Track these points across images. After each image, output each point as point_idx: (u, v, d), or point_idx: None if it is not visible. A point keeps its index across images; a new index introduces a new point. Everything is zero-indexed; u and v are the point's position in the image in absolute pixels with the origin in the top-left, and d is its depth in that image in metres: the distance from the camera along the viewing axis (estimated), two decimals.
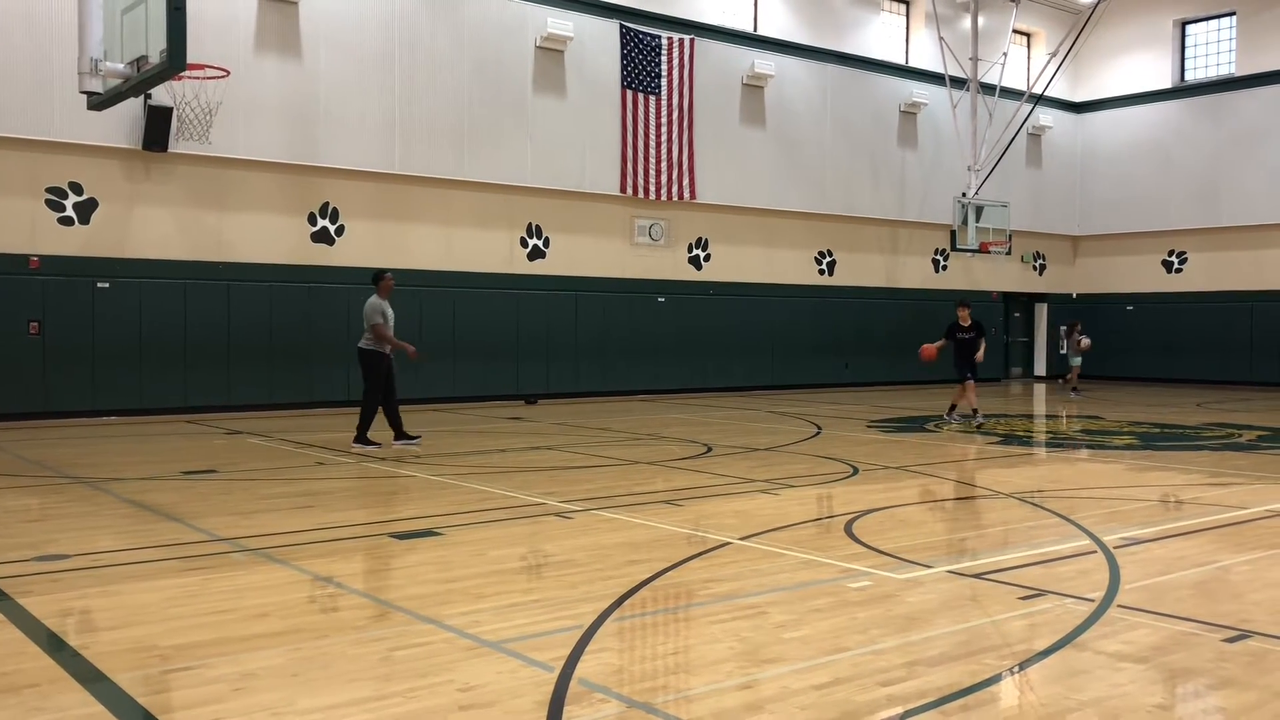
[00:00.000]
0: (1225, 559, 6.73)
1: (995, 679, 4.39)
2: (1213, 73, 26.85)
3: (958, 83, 25.20)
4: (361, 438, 12.37)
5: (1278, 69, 25.20)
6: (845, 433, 14.72)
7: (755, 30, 23.16)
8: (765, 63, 22.71)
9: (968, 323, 15.51)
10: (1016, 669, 4.53)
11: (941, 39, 24.91)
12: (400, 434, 12.61)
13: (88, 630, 5.16)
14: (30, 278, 15.41)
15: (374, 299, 12.50)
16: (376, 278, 12.67)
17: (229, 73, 15.29)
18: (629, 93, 20.93)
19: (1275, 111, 25.26)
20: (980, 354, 15.44)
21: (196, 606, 5.46)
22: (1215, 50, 26.88)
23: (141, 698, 4.14)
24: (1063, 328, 23.89)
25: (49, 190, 15.60)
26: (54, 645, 4.82)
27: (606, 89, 20.74)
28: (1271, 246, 25.50)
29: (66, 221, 15.73)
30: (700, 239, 22.38)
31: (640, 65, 21.05)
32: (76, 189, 15.80)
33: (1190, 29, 27.36)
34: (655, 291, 21.65)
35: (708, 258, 22.51)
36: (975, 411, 15.39)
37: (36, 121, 15.34)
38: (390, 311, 12.56)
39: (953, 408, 16.24)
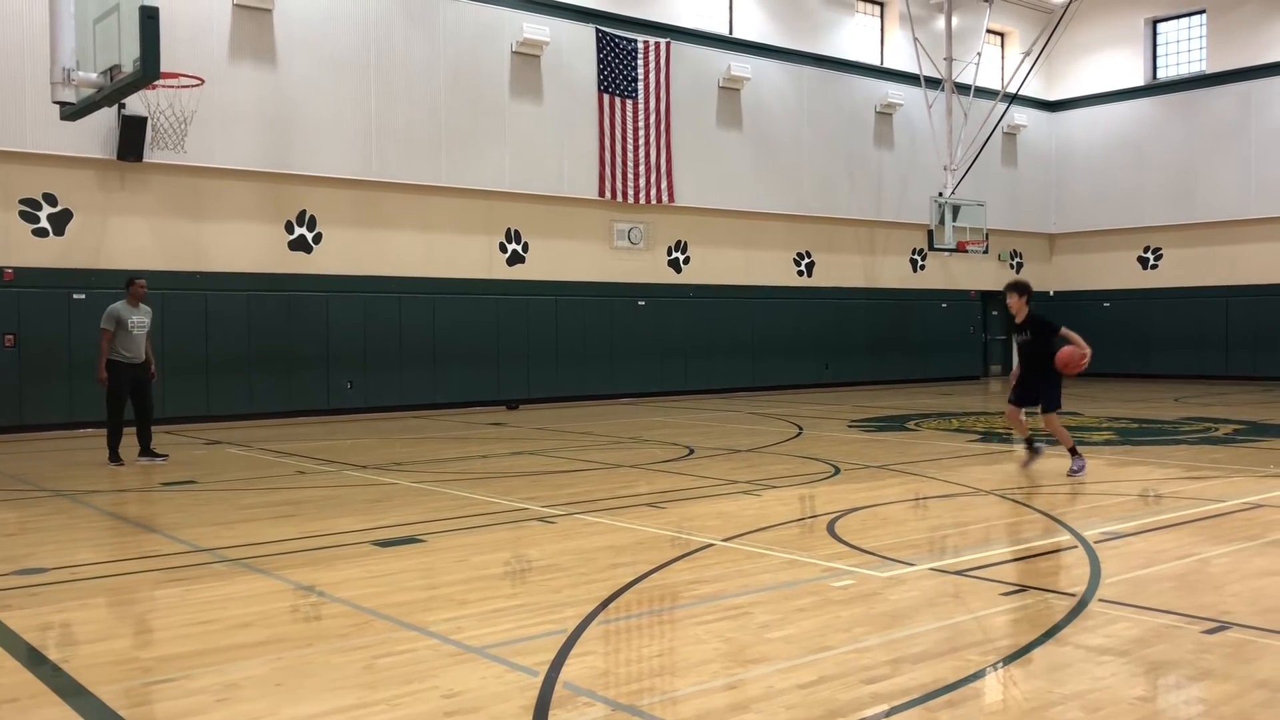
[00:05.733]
0: (1204, 552, 6.79)
1: (979, 675, 4.41)
2: (1184, 70, 27.08)
3: (933, 83, 25.33)
4: (113, 456, 11.69)
5: (1248, 65, 25.44)
6: (826, 433, 14.76)
7: (731, 33, 23.22)
8: (741, 65, 22.77)
9: (1022, 317, 10.56)
10: (1000, 664, 4.55)
11: (916, 39, 25.03)
12: (146, 450, 11.88)
13: (68, 644, 5.11)
14: (5, 290, 15.27)
15: (114, 304, 11.73)
16: (127, 284, 11.93)
17: (203, 81, 15.18)
18: (606, 96, 20.94)
19: (1246, 108, 25.51)
20: (1066, 362, 10.31)
21: (178, 618, 5.43)
22: (1186, 48, 27.11)
23: (124, 710, 4.11)
24: None
25: (22, 202, 15.47)
26: (34, 660, 4.77)
27: (584, 93, 20.74)
28: (1245, 241, 25.73)
29: (41, 233, 15.61)
30: (679, 242, 22.40)
31: (617, 69, 21.07)
32: (51, 200, 15.68)
33: (1161, 27, 27.60)
34: (635, 295, 21.66)
35: (687, 260, 22.53)
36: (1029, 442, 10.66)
37: (8, 132, 15.21)
38: (137, 319, 11.72)
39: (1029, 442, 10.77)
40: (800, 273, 24.44)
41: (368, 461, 11.94)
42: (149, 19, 9.09)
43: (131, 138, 15.79)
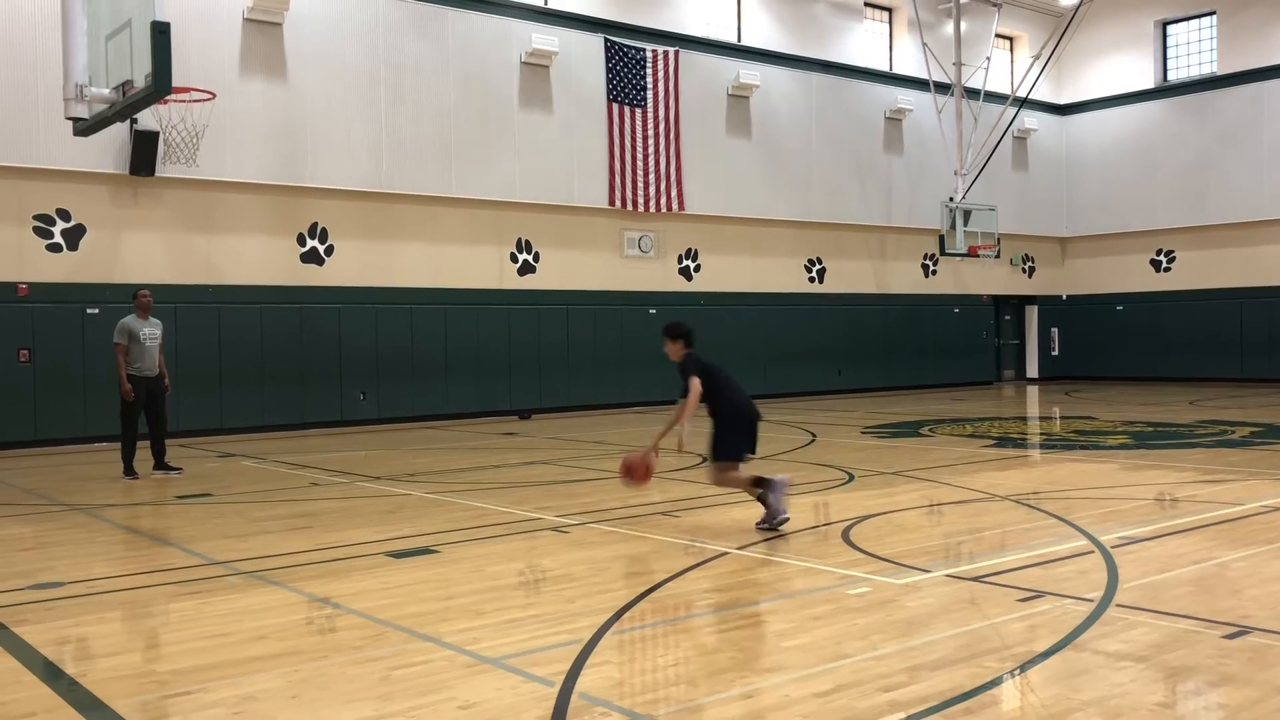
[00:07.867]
0: (1222, 556, 6.74)
1: (997, 681, 4.39)
2: (1194, 72, 26.99)
3: (942, 88, 25.29)
4: (127, 469, 11.71)
5: (1259, 67, 25.34)
6: (840, 439, 14.72)
7: (739, 41, 23.23)
8: (750, 73, 22.77)
9: (676, 358, 8.40)
10: (1017, 671, 4.52)
11: (925, 45, 25.01)
12: (160, 463, 11.92)
13: (84, 658, 5.12)
14: (19, 305, 15.35)
15: (125, 319, 11.78)
16: (133, 297, 12.01)
17: (215, 95, 15.26)
18: (615, 106, 20.97)
19: (1257, 109, 25.40)
20: (681, 416, 7.95)
21: (193, 631, 5.43)
22: (1197, 50, 27.03)
23: None
24: None
25: (36, 217, 15.56)
26: (51, 674, 4.78)
27: (593, 103, 20.78)
28: (1258, 243, 25.61)
29: (55, 248, 15.69)
30: (690, 250, 22.41)
31: (626, 78, 21.10)
32: (64, 215, 15.77)
33: (1171, 29, 27.52)
34: (646, 303, 21.65)
35: (698, 268, 22.54)
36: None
37: (22, 148, 15.31)
38: (148, 331, 11.75)
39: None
40: (811, 279, 24.40)
41: (381, 473, 11.96)
42: (160, 34, 9.14)
43: (144, 152, 15.87)
